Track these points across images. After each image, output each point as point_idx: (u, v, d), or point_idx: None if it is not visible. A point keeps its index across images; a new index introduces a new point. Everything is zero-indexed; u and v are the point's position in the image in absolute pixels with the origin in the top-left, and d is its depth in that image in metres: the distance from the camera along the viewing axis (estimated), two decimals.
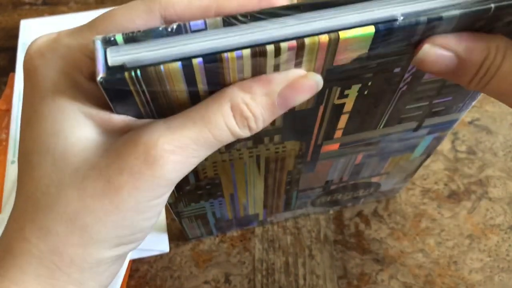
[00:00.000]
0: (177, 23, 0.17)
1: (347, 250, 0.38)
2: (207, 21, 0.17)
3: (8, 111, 0.45)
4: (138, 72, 0.16)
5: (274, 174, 0.29)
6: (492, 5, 0.17)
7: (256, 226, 0.39)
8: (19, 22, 0.52)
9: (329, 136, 0.26)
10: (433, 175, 0.41)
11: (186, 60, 0.16)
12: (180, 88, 0.18)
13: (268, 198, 0.33)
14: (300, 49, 0.17)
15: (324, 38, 0.17)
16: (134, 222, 0.18)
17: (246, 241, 0.38)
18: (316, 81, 0.19)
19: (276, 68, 0.18)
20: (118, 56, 0.16)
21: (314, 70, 0.19)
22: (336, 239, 0.38)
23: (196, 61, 0.16)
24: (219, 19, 0.17)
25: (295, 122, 0.23)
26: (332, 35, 0.17)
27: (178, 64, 0.16)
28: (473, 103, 0.26)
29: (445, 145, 0.43)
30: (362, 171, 0.32)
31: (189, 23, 0.17)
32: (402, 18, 0.17)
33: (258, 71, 0.18)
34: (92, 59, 0.17)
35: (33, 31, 0.51)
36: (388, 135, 0.27)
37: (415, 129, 0.27)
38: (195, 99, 0.18)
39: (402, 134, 0.28)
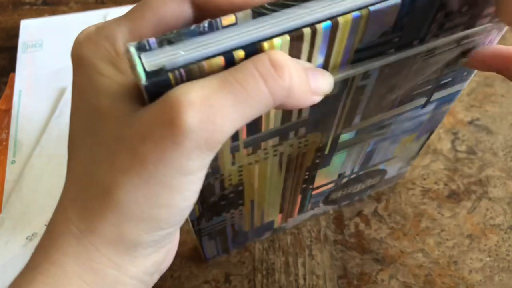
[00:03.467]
0: (208, 21, 0.17)
1: (347, 250, 0.38)
2: (237, 15, 0.17)
3: (8, 111, 0.45)
4: (182, 71, 0.16)
5: (294, 173, 0.29)
6: None
7: (270, 236, 0.39)
8: (20, 22, 0.52)
9: (347, 124, 0.26)
10: (433, 175, 0.41)
11: (228, 54, 0.16)
12: None
13: (285, 200, 0.33)
14: (334, 29, 0.18)
15: (356, 14, 0.18)
16: (170, 201, 0.17)
17: None
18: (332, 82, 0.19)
19: (310, 53, 0.18)
20: (155, 60, 0.16)
21: (344, 51, 0.19)
22: (336, 239, 0.38)
23: (238, 54, 0.16)
24: (248, 11, 0.17)
25: (321, 110, 0.24)
26: (363, 11, 0.17)
27: (221, 58, 0.16)
28: (475, 71, 0.27)
29: (445, 145, 0.43)
30: (372, 158, 0.33)
31: (220, 19, 0.17)
32: None
33: (295, 56, 0.18)
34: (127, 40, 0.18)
35: (33, 31, 0.51)
36: (399, 115, 0.28)
37: (424, 105, 0.28)
38: None
39: (411, 112, 0.28)
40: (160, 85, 0.16)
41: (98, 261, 0.18)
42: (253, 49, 0.16)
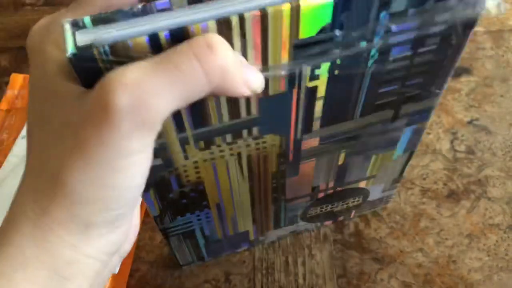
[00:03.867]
0: (142, 4, 0.17)
1: (346, 250, 0.38)
2: (172, 0, 0.17)
3: (9, 111, 0.45)
4: (107, 47, 0.17)
5: (259, 178, 0.29)
6: None
7: (247, 249, 0.38)
8: (20, 23, 0.52)
9: (307, 129, 0.26)
10: (432, 174, 0.41)
11: (153, 35, 0.17)
12: None
13: (256, 210, 0.33)
14: (263, 19, 0.18)
15: (286, 5, 0.18)
16: (114, 182, 0.18)
17: None
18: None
19: (243, 42, 0.19)
20: (87, 37, 0.17)
21: (281, 45, 0.19)
22: (335, 239, 0.38)
23: (163, 35, 0.17)
24: None
25: (271, 109, 0.24)
26: (294, 3, 0.18)
27: (145, 38, 0.17)
28: (444, 86, 0.26)
29: (444, 145, 0.43)
30: (347, 174, 0.32)
31: (154, 3, 0.17)
32: None
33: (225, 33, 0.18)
34: None
35: None
36: (366, 127, 0.28)
37: (393, 119, 0.28)
38: None
39: (380, 126, 0.28)
40: (84, 59, 0.17)
41: (53, 241, 0.18)
42: (180, 32, 0.17)
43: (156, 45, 0.17)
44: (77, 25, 0.17)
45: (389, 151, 0.31)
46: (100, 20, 0.17)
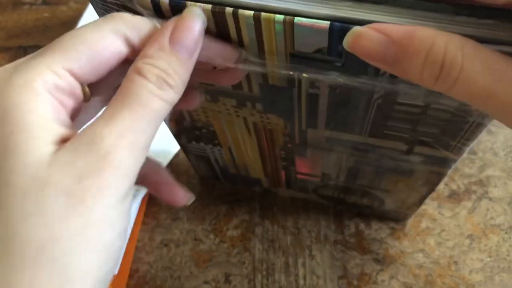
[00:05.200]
0: None
1: (347, 250, 0.38)
2: None
3: None
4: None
5: (267, 144, 0.29)
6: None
7: (261, 191, 0.39)
8: (19, 22, 0.52)
9: (312, 124, 0.26)
10: None
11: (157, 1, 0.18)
12: None
13: (267, 167, 0.33)
14: (257, 21, 0.18)
15: (278, 18, 0.17)
16: (108, 239, 0.16)
17: (246, 241, 0.38)
18: (193, 13, 0.18)
19: (240, 37, 0.19)
20: None
21: (277, 51, 0.19)
22: (336, 239, 0.38)
23: (166, 2, 0.18)
24: None
25: (272, 95, 0.23)
26: (287, 18, 0.17)
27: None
28: (469, 145, 0.24)
29: None
30: (359, 177, 0.32)
31: None
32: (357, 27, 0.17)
33: (222, 29, 0.19)
34: (56, 73, 0.17)
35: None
36: (377, 148, 0.26)
37: (407, 153, 0.26)
38: None
39: (393, 153, 0.27)
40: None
41: None
42: (178, 2, 0.18)
43: (157, 8, 0.18)
44: None
45: (404, 177, 0.30)
46: None
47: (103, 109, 0.17)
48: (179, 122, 0.29)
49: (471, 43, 0.16)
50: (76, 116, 0.18)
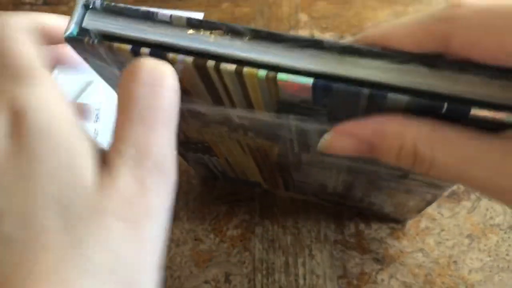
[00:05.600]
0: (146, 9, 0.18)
1: (347, 250, 0.38)
2: (173, 16, 0.18)
3: None
4: (96, 40, 0.18)
5: (262, 159, 0.29)
6: (445, 105, 0.15)
7: (263, 191, 0.40)
8: None
9: (305, 149, 0.25)
10: None
11: (137, 46, 0.18)
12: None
13: (265, 174, 0.33)
14: (239, 75, 0.17)
15: (261, 73, 0.17)
16: (156, 262, 0.17)
17: (246, 241, 0.38)
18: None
19: (222, 82, 0.18)
20: (92, 23, 0.18)
21: (262, 97, 0.19)
22: (336, 239, 0.38)
23: (145, 50, 0.18)
24: (183, 18, 0.18)
25: (262, 126, 0.23)
26: (271, 74, 0.17)
27: (129, 47, 0.18)
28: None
29: None
30: (356, 189, 0.32)
31: (157, 12, 0.18)
32: (341, 85, 0.16)
33: (205, 78, 0.18)
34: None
35: None
36: (371, 171, 0.26)
37: (402, 178, 0.26)
38: None
39: (389, 176, 0.26)
40: (75, 40, 0.18)
41: None
42: (158, 54, 0.18)
43: (136, 56, 0.18)
44: (88, 7, 0.19)
45: (402, 193, 0.30)
46: (110, 9, 0.19)
47: None
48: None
49: (440, 133, 0.16)
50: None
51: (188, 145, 0.30)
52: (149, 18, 0.18)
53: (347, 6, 0.54)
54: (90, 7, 0.18)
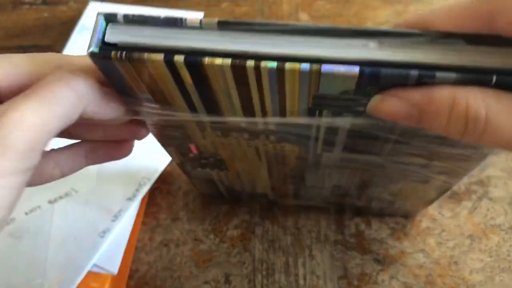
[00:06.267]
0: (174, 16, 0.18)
1: (347, 250, 0.38)
2: (203, 20, 0.17)
3: None
4: (124, 55, 0.17)
5: (277, 167, 0.29)
6: (494, 77, 0.16)
7: (267, 203, 0.40)
8: (19, 22, 0.52)
9: (328, 149, 0.25)
10: None
11: (169, 55, 0.17)
12: (165, 74, 0.18)
13: (275, 184, 0.33)
14: (280, 72, 0.17)
15: (304, 66, 0.17)
16: None
17: (246, 241, 0.38)
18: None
19: (259, 83, 0.18)
20: (115, 35, 0.18)
21: (299, 94, 0.19)
22: (336, 239, 0.38)
23: (180, 58, 0.17)
24: (215, 20, 0.17)
25: (289, 130, 0.23)
26: (315, 66, 0.16)
27: (161, 56, 0.17)
28: (489, 157, 0.24)
29: None
30: (371, 187, 0.32)
31: (185, 18, 0.18)
32: (389, 70, 0.16)
33: (241, 81, 0.18)
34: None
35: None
36: (394, 163, 0.26)
37: (424, 166, 0.26)
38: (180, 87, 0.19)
39: (411, 167, 0.27)
40: (101, 57, 0.18)
41: None
42: (195, 61, 0.17)
43: (171, 66, 0.18)
44: (110, 19, 0.18)
45: (419, 184, 0.30)
46: (132, 20, 0.18)
47: None
48: (185, 154, 0.28)
49: (492, 93, 0.16)
50: None
51: (199, 161, 0.30)
52: (176, 24, 0.18)
53: (347, 5, 0.54)
54: (113, 19, 0.18)
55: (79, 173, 0.26)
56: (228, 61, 0.17)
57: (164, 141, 0.27)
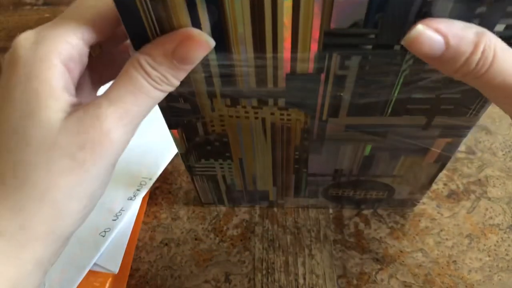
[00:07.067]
0: None
1: (346, 250, 0.38)
2: None
3: None
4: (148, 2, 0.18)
5: (282, 147, 0.30)
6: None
7: (267, 207, 0.40)
8: (20, 22, 0.52)
9: (333, 113, 0.26)
10: None
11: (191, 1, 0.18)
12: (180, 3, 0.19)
13: (277, 174, 0.34)
14: (295, 4, 0.18)
15: None
16: (94, 191, 0.21)
17: (246, 240, 0.39)
18: (205, 39, 0.20)
19: (274, 16, 0.19)
20: None
21: (312, 30, 0.20)
22: (335, 239, 0.38)
23: (200, 2, 0.18)
24: None
25: (298, 86, 0.24)
26: None
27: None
28: (486, 107, 0.25)
29: None
30: (372, 166, 0.32)
31: None
32: None
33: (257, 13, 0.19)
34: (70, 43, 0.20)
35: None
36: (396, 127, 0.27)
37: (425, 127, 0.27)
38: (193, 13, 0.20)
39: (411, 130, 0.28)
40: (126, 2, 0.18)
41: (22, 257, 0.19)
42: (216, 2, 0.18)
43: (192, 7, 0.18)
44: None
45: (418, 156, 0.31)
46: None
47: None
48: (191, 138, 0.29)
49: (501, 42, 0.18)
50: (77, 80, 0.22)
51: (204, 147, 0.30)
52: None
53: None
54: None
55: None
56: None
57: (172, 121, 0.27)
